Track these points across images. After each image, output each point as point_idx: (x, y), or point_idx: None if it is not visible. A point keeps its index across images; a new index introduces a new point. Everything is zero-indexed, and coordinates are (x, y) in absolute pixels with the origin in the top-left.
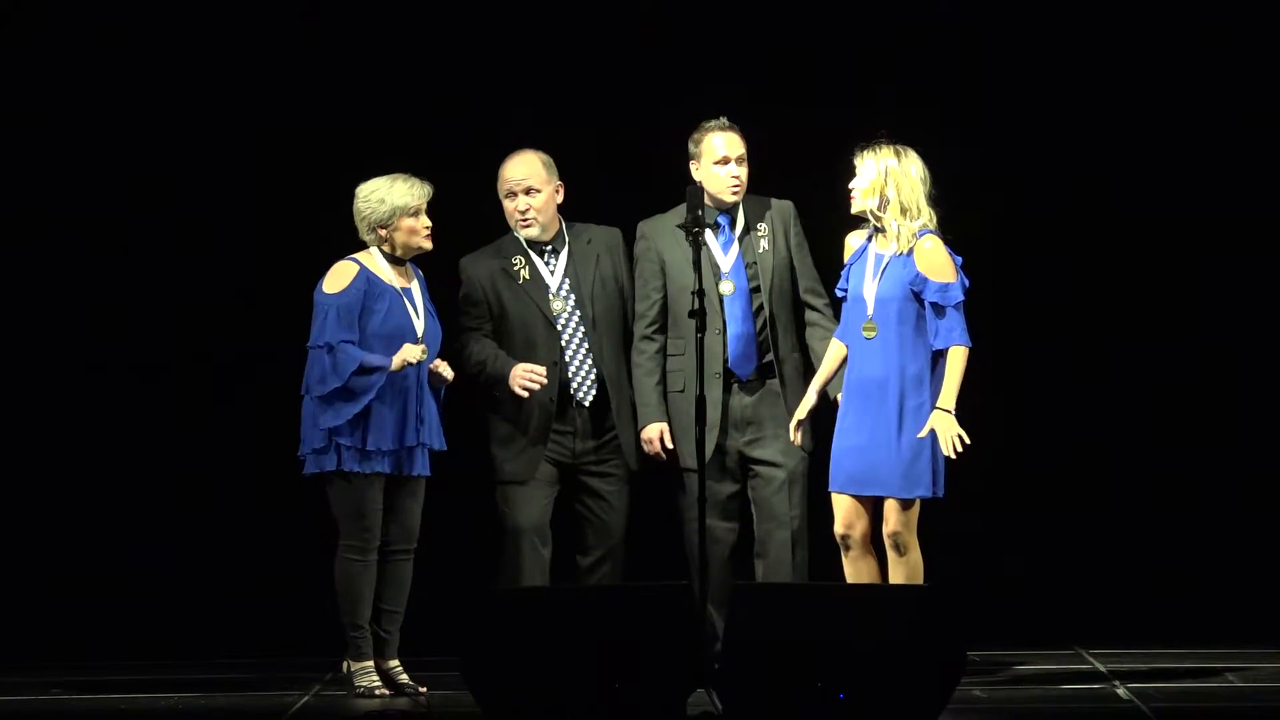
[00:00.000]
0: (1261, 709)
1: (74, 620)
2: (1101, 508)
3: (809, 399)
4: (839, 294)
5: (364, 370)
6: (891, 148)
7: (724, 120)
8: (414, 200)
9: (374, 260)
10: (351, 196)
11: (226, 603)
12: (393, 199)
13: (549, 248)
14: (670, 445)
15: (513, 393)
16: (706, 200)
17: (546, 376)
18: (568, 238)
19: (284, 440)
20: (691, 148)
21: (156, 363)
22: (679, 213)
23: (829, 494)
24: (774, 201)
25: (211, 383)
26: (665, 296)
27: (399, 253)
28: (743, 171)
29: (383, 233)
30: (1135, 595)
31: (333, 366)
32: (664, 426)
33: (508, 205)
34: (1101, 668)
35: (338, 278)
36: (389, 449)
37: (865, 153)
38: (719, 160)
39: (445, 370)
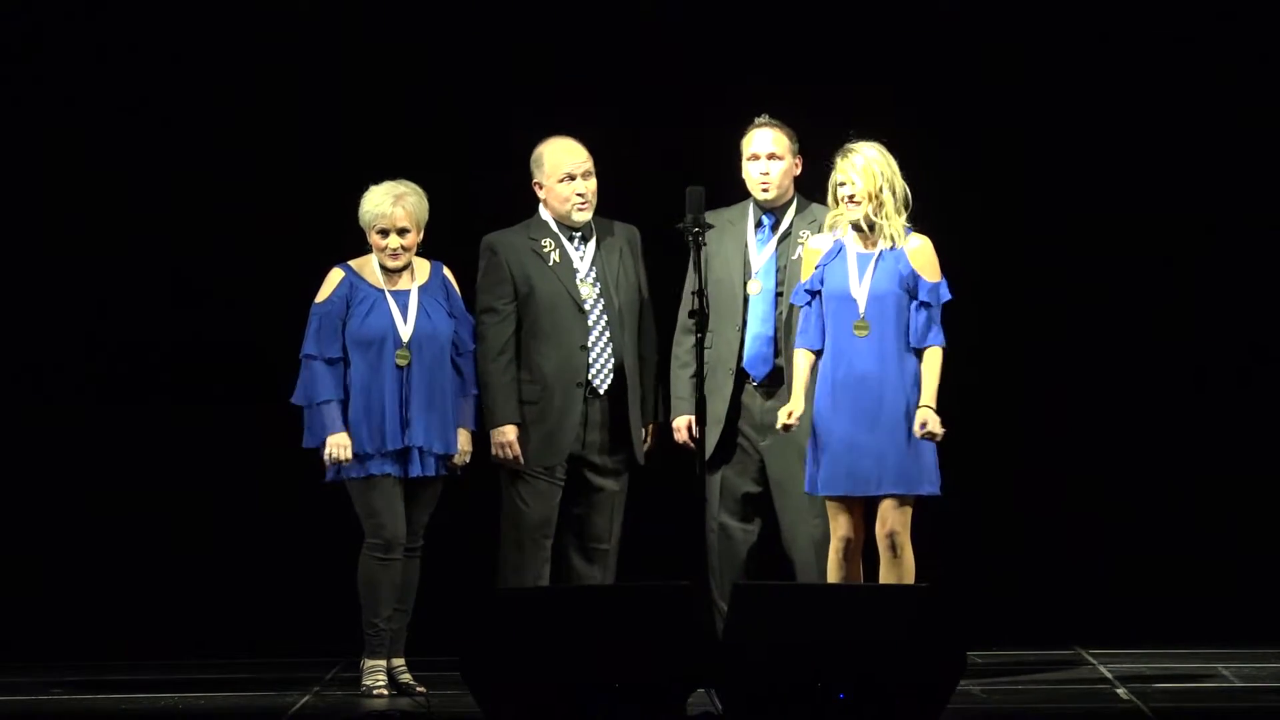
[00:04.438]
0: (1261, 708)
1: (74, 620)
2: (1101, 508)
3: (802, 406)
4: (800, 300)
5: (319, 407)
6: (874, 145)
7: (763, 117)
8: (367, 218)
9: (369, 262)
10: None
11: (226, 603)
12: (362, 210)
13: (579, 234)
14: (697, 436)
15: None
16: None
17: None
18: (595, 227)
19: (285, 441)
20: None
21: (157, 363)
22: (733, 209)
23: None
24: (817, 208)
25: (211, 383)
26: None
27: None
28: (775, 168)
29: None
30: (1135, 595)
31: (308, 381)
32: (691, 418)
33: (563, 189)
34: (1101, 668)
35: (324, 287)
36: (366, 452)
37: (851, 156)
38: (750, 157)
39: (459, 459)
